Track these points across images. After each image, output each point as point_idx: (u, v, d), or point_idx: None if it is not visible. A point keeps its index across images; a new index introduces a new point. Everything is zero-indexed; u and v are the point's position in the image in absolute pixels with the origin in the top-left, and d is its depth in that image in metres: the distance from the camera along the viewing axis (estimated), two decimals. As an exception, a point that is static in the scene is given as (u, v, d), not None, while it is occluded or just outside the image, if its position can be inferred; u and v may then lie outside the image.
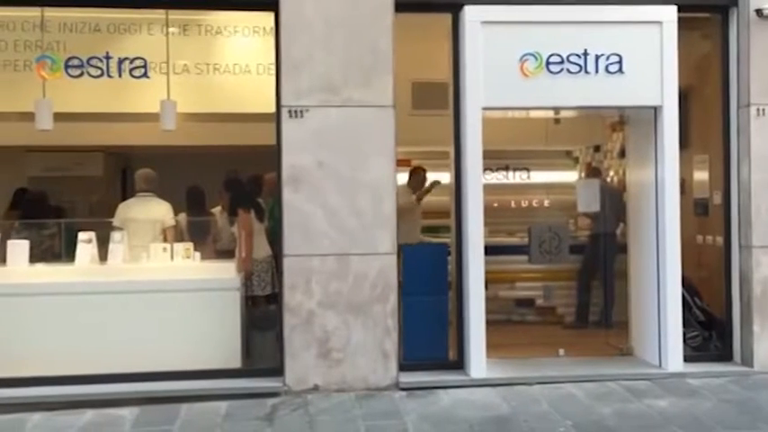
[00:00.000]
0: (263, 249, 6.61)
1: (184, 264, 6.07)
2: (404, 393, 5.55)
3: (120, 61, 6.38)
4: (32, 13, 6.36)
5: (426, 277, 6.00)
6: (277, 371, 5.65)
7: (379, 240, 5.66)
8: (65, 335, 5.66)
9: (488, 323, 5.84)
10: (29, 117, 6.49)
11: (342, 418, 5.06)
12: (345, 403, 5.35)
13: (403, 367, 5.71)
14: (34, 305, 5.70)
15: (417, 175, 7.82)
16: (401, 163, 6.14)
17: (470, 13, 5.84)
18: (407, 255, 6.05)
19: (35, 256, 6.00)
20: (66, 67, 6.28)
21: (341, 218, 5.65)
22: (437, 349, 5.95)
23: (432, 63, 6.59)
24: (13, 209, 7.31)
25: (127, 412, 5.20)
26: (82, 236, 5.99)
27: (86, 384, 5.44)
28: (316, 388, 5.55)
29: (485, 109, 5.87)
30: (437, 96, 6.48)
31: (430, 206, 7.70)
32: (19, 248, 5.88)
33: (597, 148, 8.51)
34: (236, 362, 5.85)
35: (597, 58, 5.91)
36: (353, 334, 5.62)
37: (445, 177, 6.38)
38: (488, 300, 5.93)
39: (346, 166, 5.68)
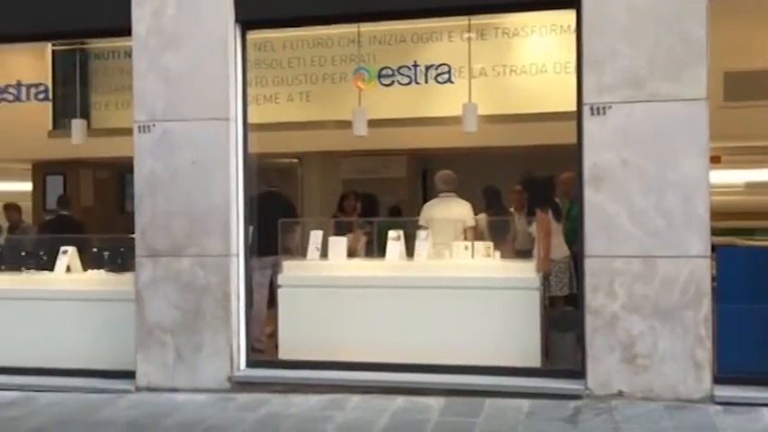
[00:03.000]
0: (560, 250, 6.55)
1: (485, 262, 6.24)
2: (719, 408, 5.14)
3: (427, 68, 6.73)
4: (348, 29, 6.96)
5: (746, 283, 5.48)
6: (577, 373, 5.57)
7: (690, 242, 5.30)
8: (377, 325, 6.10)
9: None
10: (343, 125, 7.14)
11: (650, 429, 4.83)
12: (653, 413, 5.09)
13: (718, 380, 5.29)
14: (350, 296, 6.23)
15: None
16: (712, 160, 5.69)
17: (803, -11, 5.24)
18: (724, 258, 5.58)
19: (354, 252, 6.57)
20: (379, 76, 6.78)
21: (647, 218, 5.38)
22: (759, 362, 5.40)
23: (747, 49, 6.04)
24: (340, 210, 8.08)
25: (434, 402, 5.48)
26: (391, 233, 6.42)
27: (397, 372, 5.82)
28: (620, 394, 5.36)
29: (819, 96, 5.23)
30: (754, 86, 5.92)
31: (746, 207, 7.04)
32: (338, 245, 6.48)
33: None
34: (535, 361, 5.86)
35: None
36: (661, 340, 5.33)
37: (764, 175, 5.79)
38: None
39: (653, 164, 5.39)
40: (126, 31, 6.10)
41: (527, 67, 7.14)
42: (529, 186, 7.10)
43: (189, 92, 6.01)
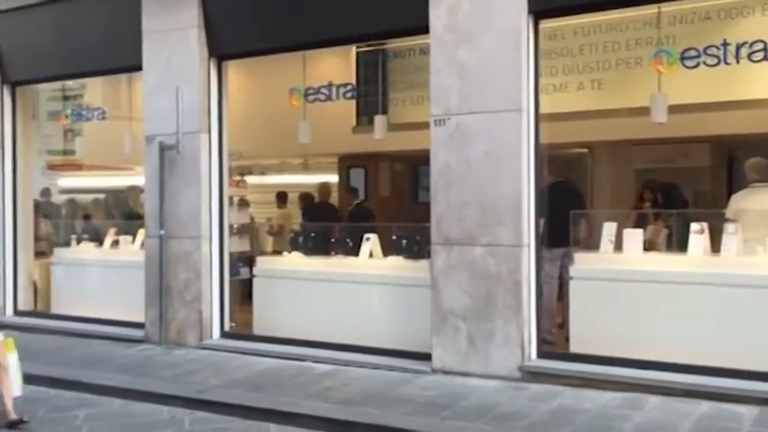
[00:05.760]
0: None
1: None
2: None
3: (738, 46, 6.13)
4: (645, 11, 6.57)
5: None
6: None
7: None
8: (677, 323, 5.75)
9: None
10: (637, 112, 6.78)
11: None
12: None
13: None
14: (647, 291, 5.92)
15: None
16: None
17: None
18: None
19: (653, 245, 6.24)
20: (682, 58, 6.32)
21: None
22: None
23: None
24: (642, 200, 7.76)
25: (745, 410, 5.02)
26: (694, 226, 5.98)
27: (700, 375, 5.42)
28: None
29: None
30: None
31: None
32: (634, 237, 6.19)
33: None
34: None
35: None
36: None
37: None
38: None
39: None
40: (423, 29, 6.39)
41: None
42: None
43: (482, 85, 6.13)
